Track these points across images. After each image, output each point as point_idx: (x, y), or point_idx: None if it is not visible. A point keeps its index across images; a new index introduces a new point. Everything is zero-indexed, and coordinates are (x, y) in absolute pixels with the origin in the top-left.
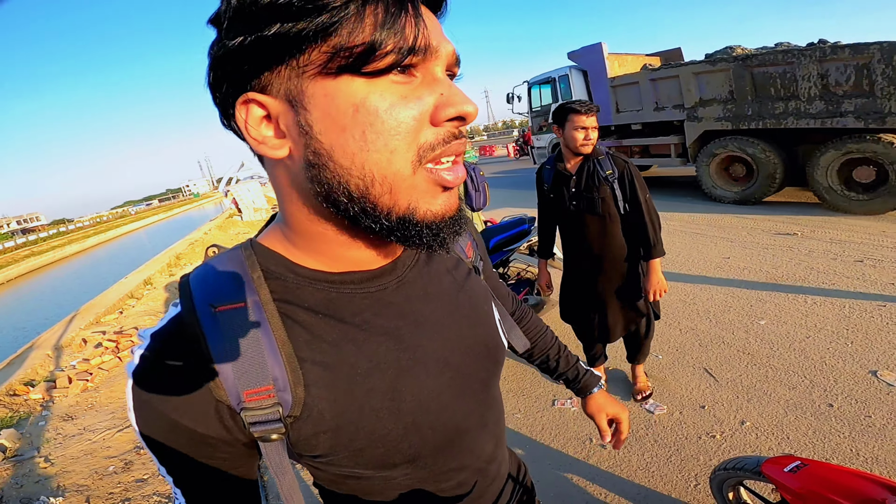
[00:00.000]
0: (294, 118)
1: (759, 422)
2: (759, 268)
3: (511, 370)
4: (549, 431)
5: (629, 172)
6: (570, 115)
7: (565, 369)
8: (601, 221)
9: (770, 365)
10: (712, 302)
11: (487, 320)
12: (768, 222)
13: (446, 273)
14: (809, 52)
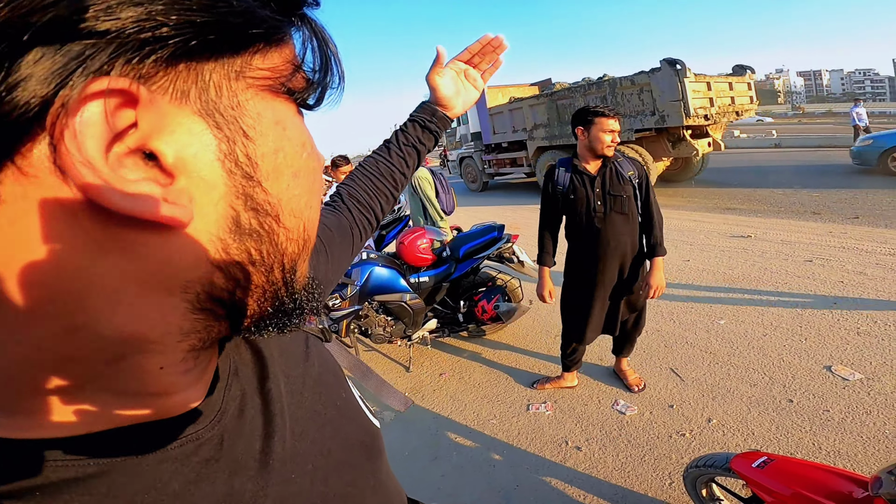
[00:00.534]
0: (213, 145)
1: (725, 419)
2: (716, 269)
3: (484, 375)
4: (525, 436)
5: (646, 174)
6: (597, 118)
7: (412, 129)
8: (626, 220)
9: (731, 363)
10: (675, 303)
11: (352, 412)
12: (724, 225)
13: (293, 367)
14: (581, 88)
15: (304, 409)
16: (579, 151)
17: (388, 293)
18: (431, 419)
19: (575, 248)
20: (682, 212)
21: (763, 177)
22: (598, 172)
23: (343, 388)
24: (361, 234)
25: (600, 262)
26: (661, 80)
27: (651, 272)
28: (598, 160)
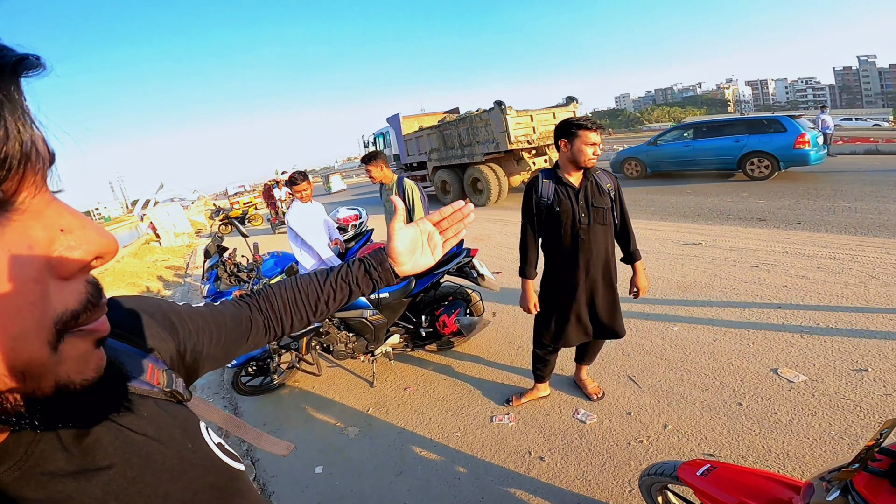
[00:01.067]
0: None
1: (680, 424)
2: (670, 276)
3: (449, 388)
4: (489, 447)
5: (619, 187)
6: (580, 130)
7: (356, 269)
8: (605, 230)
9: (685, 369)
10: (631, 313)
11: (200, 460)
12: (677, 233)
13: (134, 426)
14: (455, 121)
15: (139, 457)
16: (561, 163)
17: (347, 310)
18: (396, 434)
19: (557, 259)
20: (637, 220)
21: (713, 185)
22: (581, 185)
23: (190, 440)
24: (263, 334)
25: (584, 270)
26: (494, 116)
27: (635, 275)
28: (579, 172)
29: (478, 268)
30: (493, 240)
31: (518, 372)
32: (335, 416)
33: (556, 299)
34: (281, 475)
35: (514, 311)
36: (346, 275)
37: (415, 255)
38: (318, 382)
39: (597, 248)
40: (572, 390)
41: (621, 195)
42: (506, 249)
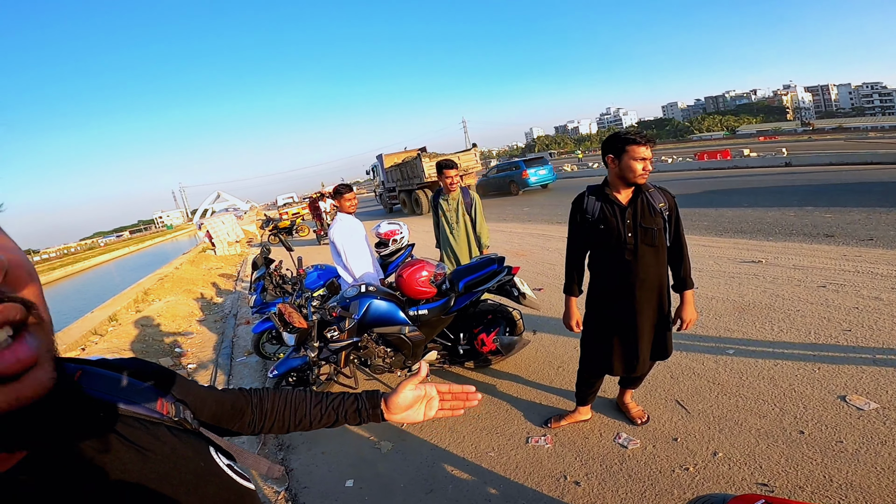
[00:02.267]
0: None
1: (732, 452)
2: (726, 296)
3: (485, 407)
4: (523, 470)
5: (675, 206)
6: (628, 145)
7: (349, 403)
8: (655, 252)
9: (740, 394)
10: (681, 334)
11: (213, 477)
12: (734, 249)
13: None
14: (403, 163)
15: (156, 473)
16: (610, 180)
17: (386, 325)
18: (429, 451)
19: (602, 280)
20: (691, 236)
21: (774, 197)
22: (630, 203)
23: (202, 460)
24: (245, 426)
25: (630, 294)
26: (417, 161)
27: (682, 306)
28: (629, 189)
29: (519, 286)
30: (535, 255)
31: (558, 393)
32: (369, 429)
33: (599, 323)
34: (312, 487)
35: (555, 329)
36: (339, 406)
37: (409, 412)
38: None
39: (645, 270)
40: (614, 414)
41: (678, 216)
42: (548, 266)
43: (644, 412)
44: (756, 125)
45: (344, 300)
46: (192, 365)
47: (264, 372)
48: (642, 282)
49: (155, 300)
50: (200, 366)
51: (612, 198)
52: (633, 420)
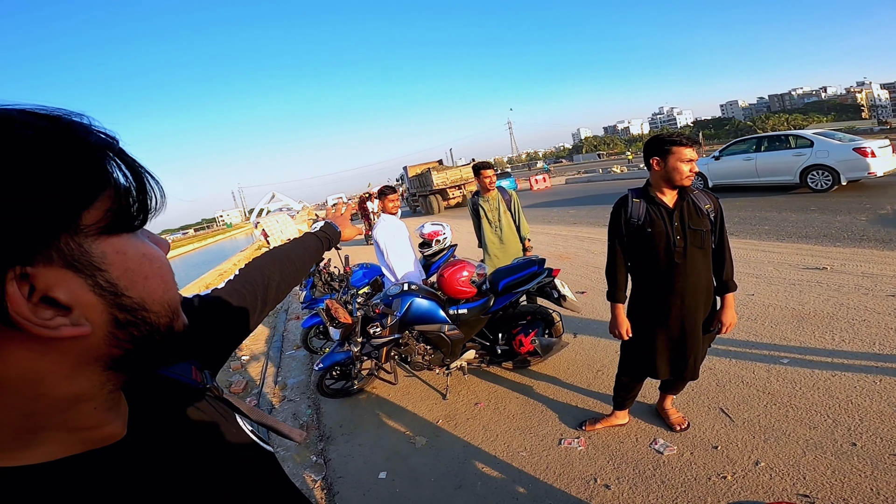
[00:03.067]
0: (84, 283)
1: (775, 462)
2: (784, 304)
3: (520, 407)
4: (553, 471)
5: (720, 209)
6: (674, 146)
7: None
8: (703, 255)
9: (791, 404)
10: (732, 341)
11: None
12: (797, 256)
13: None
14: (420, 174)
15: (201, 430)
16: (654, 182)
17: (427, 323)
18: (461, 447)
19: (648, 283)
20: (750, 240)
21: (844, 200)
22: (676, 205)
23: (233, 426)
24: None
25: (679, 298)
26: (427, 173)
27: (723, 309)
28: (674, 191)
29: (559, 288)
30: (579, 258)
31: (595, 396)
32: (406, 424)
33: (644, 327)
34: (347, 477)
35: (596, 332)
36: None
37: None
38: (393, 391)
39: (695, 273)
40: (653, 419)
41: (722, 218)
42: (592, 269)
43: (684, 419)
44: (827, 124)
45: (387, 298)
46: (246, 357)
47: (311, 365)
48: (693, 284)
49: None
50: (253, 357)
51: (657, 200)
52: (672, 426)
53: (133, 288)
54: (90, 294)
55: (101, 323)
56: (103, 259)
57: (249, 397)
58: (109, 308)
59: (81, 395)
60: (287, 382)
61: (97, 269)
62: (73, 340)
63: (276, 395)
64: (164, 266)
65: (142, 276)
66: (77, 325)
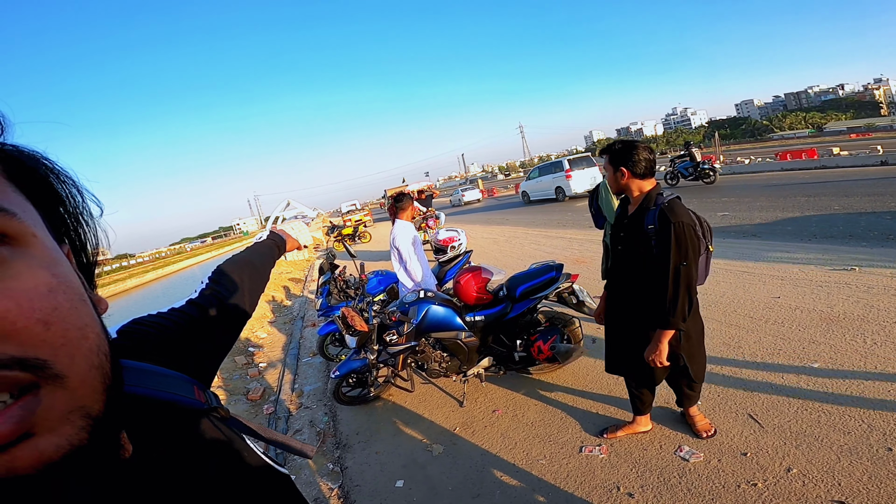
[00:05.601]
0: None
1: (808, 468)
2: (812, 307)
3: (539, 414)
4: (574, 479)
5: (673, 232)
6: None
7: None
8: (639, 271)
9: (823, 409)
10: (760, 345)
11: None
12: (823, 256)
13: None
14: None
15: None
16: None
17: (443, 331)
18: (479, 455)
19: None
20: (772, 241)
21: (868, 199)
22: (631, 214)
23: (243, 449)
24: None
25: (617, 300)
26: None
27: (651, 341)
28: (637, 200)
29: (577, 294)
30: (596, 262)
31: (616, 403)
32: (423, 432)
33: (608, 329)
34: (364, 485)
35: None
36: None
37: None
38: (410, 398)
39: (622, 280)
40: (677, 426)
41: (667, 241)
42: None
43: (711, 425)
44: (846, 122)
45: (403, 305)
46: (263, 364)
47: (327, 372)
48: (624, 294)
49: None
50: (270, 364)
51: (627, 204)
52: (699, 433)
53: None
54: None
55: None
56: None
57: (267, 404)
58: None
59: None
60: (304, 389)
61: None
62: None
63: (294, 403)
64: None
65: None
66: None
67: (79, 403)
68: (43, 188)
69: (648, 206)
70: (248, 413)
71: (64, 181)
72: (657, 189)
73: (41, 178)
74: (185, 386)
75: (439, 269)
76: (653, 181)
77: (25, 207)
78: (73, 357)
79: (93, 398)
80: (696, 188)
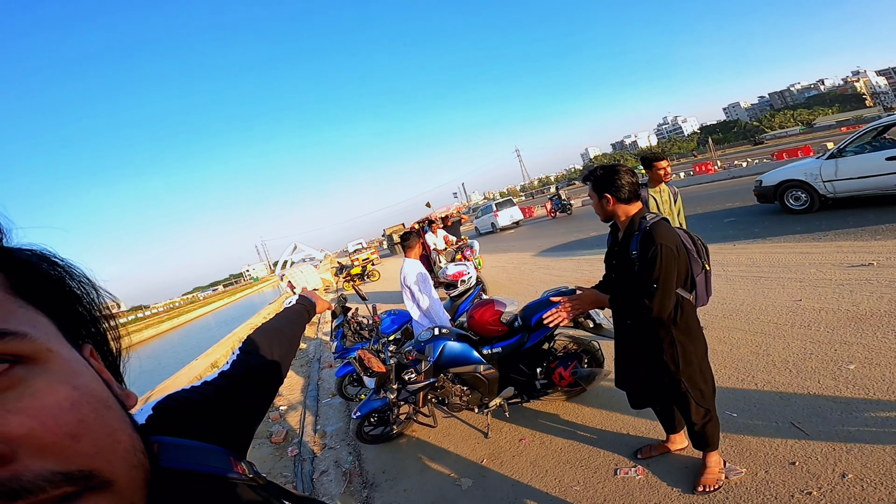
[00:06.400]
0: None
1: (864, 473)
2: (836, 307)
3: (568, 440)
4: (612, 503)
5: (655, 254)
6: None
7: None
8: (625, 294)
9: (868, 411)
10: (789, 351)
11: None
12: (838, 254)
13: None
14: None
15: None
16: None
17: (461, 365)
18: (510, 486)
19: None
20: (786, 243)
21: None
22: (622, 236)
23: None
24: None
25: (618, 323)
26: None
27: (580, 293)
28: (624, 223)
29: (593, 317)
30: None
31: (646, 423)
32: (449, 466)
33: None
34: None
35: None
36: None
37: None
38: (433, 433)
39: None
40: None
41: (653, 263)
42: None
43: (716, 481)
44: (834, 116)
45: (419, 344)
46: (284, 406)
47: (348, 412)
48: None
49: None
50: (290, 407)
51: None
52: (696, 484)
53: None
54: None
55: None
56: None
57: (291, 446)
58: None
59: None
60: (326, 430)
61: None
62: None
63: (317, 444)
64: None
65: None
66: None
67: (128, 501)
68: (56, 290)
69: (633, 230)
70: (272, 456)
71: (77, 278)
72: (641, 213)
73: (53, 280)
74: (221, 458)
75: (451, 304)
76: (638, 204)
77: (37, 321)
78: (111, 462)
79: (138, 494)
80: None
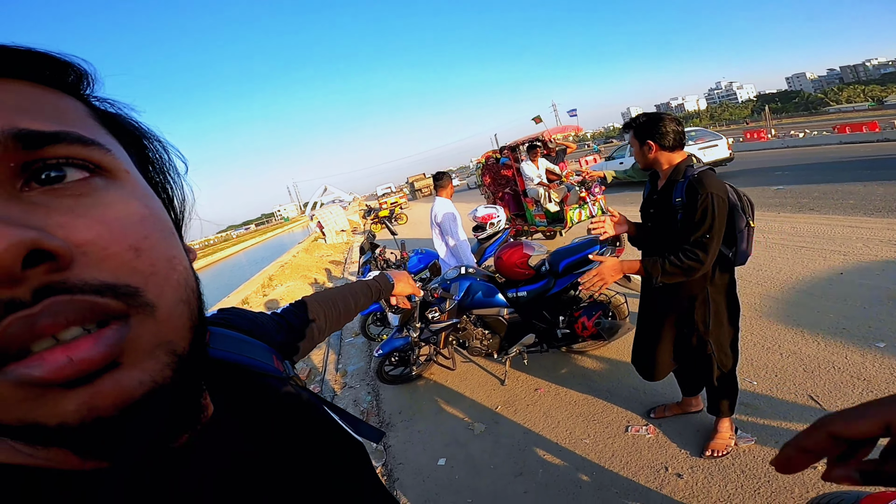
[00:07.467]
0: None
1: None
2: (877, 284)
3: (583, 393)
4: (619, 458)
5: (700, 203)
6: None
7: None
8: (666, 245)
9: (891, 390)
10: (821, 324)
11: (334, 433)
12: (888, 231)
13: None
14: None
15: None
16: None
17: (485, 307)
18: (521, 434)
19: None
20: (834, 216)
21: None
22: (662, 187)
23: (322, 415)
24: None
25: (648, 283)
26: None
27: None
28: (665, 173)
29: None
30: None
31: (663, 381)
32: (464, 410)
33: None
34: (407, 463)
35: None
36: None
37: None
38: (451, 376)
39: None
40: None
41: (694, 212)
42: None
43: (724, 447)
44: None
45: (445, 282)
46: None
47: (369, 352)
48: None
49: (278, 285)
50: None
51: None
52: (704, 448)
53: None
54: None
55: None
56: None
57: (313, 384)
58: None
59: None
60: (347, 369)
61: None
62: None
63: (338, 382)
64: None
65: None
66: None
67: (166, 338)
68: (134, 145)
69: (677, 178)
70: None
71: (150, 139)
72: (687, 161)
73: (132, 135)
74: (265, 354)
75: (478, 247)
76: (683, 153)
77: (119, 149)
78: (161, 287)
79: (179, 334)
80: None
